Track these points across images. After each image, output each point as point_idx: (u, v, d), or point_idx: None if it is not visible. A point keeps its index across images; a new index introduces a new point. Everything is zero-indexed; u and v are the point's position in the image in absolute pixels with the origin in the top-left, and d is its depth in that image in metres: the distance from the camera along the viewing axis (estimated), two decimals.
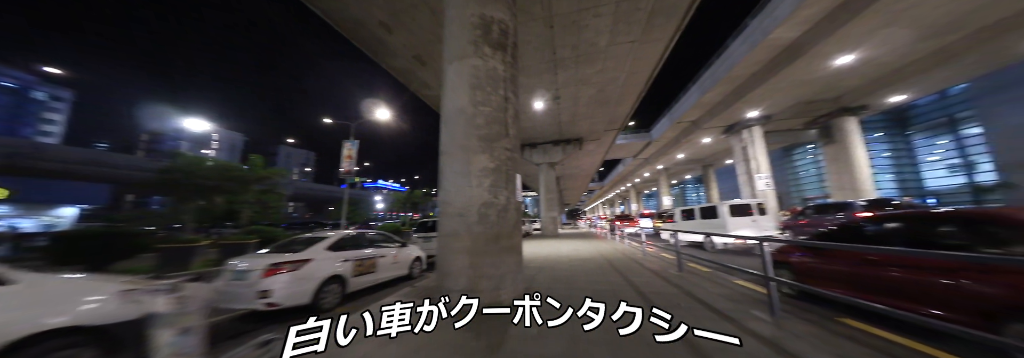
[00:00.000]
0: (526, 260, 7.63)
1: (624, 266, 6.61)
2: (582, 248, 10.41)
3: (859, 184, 18.18)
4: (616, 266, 6.66)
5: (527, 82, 11.43)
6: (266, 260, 4.09)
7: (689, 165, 37.77)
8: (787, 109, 18.25)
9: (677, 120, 20.79)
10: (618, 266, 6.65)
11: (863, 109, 18.40)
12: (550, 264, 6.97)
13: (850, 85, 16.42)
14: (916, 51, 12.56)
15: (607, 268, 6.42)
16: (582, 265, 6.73)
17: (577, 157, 27.21)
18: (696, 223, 10.65)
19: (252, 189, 15.01)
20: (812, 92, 16.42)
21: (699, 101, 17.32)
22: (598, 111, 15.42)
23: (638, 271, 5.96)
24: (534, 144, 20.80)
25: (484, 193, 3.81)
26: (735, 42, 13.29)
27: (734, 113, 18.00)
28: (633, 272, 5.83)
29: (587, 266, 6.60)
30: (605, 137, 21.34)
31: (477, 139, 3.89)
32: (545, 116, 15.55)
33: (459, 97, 4.01)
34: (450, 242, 3.75)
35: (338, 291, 4.55)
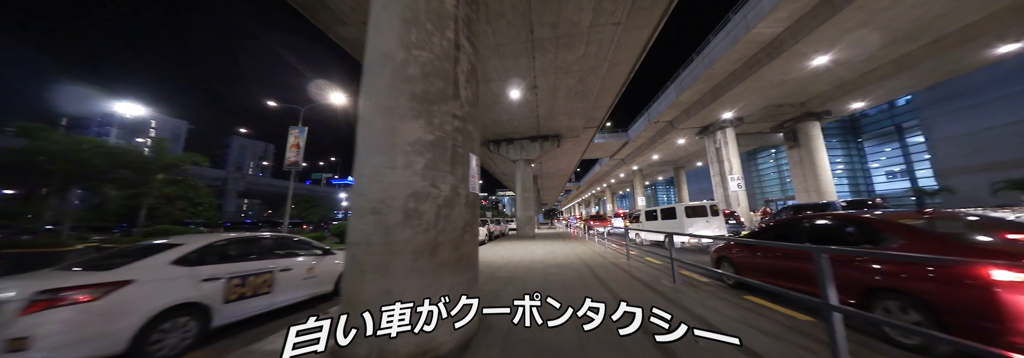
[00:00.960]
0: (495, 267, 6.66)
1: (608, 274, 5.77)
2: (559, 251, 9.57)
3: (822, 186, 18.87)
4: (598, 274, 5.80)
5: (502, 65, 10.45)
6: (41, 283, 2.43)
7: (662, 166, 38.56)
8: (758, 112, 18.60)
9: (654, 120, 20.68)
10: (600, 274, 5.80)
11: (827, 114, 19.13)
12: (521, 273, 6.00)
13: (817, 90, 16.93)
14: (882, 56, 12.95)
15: (589, 278, 5.55)
16: (559, 274, 5.83)
17: (555, 155, 26.64)
18: (658, 223, 11.24)
19: (156, 179, 12.69)
20: (782, 95, 16.74)
21: (677, 100, 17.17)
22: (577, 105, 14.73)
23: (625, 283, 5.11)
24: (511, 139, 19.87)
25: (414, 178, 2.56)
26: (717, 38, 13.08)
27: (710, 114, 18.05)
28: (621, 284, 4.97)
29: (565, 275, 5.71)
30: (584, 135, 20.82)
31: (408, 97, 2.65)
32: (522, 108, 14.64)
33: (385, 36, 2.78)
34: (359, 255, 2.44)
35: (192, 327, 3.01)
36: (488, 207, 67.93)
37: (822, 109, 18.94)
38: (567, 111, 15.54)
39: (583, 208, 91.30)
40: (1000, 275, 2.01)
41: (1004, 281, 2.00)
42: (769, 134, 21.86)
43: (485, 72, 10.81)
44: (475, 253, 3.08)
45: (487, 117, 15.88)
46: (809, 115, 19.20)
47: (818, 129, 19.59)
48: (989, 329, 2.01)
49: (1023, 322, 1.92)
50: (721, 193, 19.40)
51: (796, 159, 20.31)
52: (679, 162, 36.94)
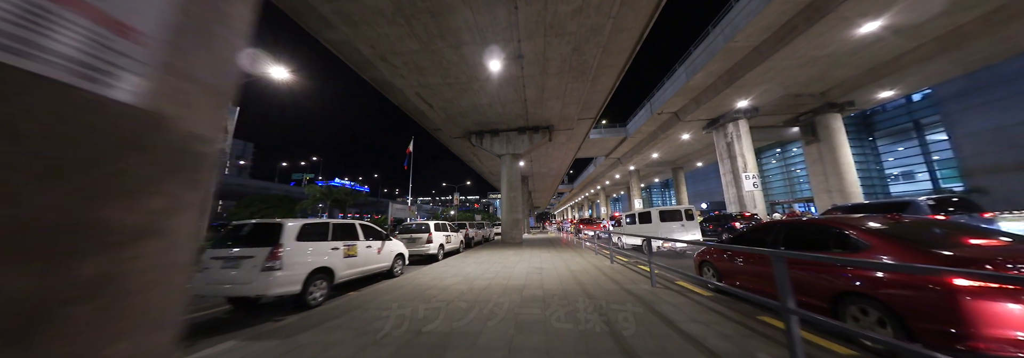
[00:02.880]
0: (441, 299, 3.95)
1: (633, 324, 3.23)
2: (548, 267, 7.00)
3: (846, 186, 16.73)
4: (605, 312, 3.26)
5: (474, 20, 7.94)
6: None
7: (660, 167, 36.41)
8: (774, 102, 16.45)
9: (658, 110, 18.39)
10: (609, 313, 3.26)
11: (849, 105, 17.09)
12: (477, 317, 3.49)
13: (843, 76, 14.87)
14: (932, 29, 10.87)
15: (594, 324, 3.00)
16: (535, 317, 3.36)
17: (547, 152, 24.17)
18: (636, 227, 11.29)
19: None
20: (806, 80, 14.61)
21: (686, 85, 14.88)
22: (572, 86, 12.30)
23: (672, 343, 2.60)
24: (496, 131, 17.33)
25: None
26: None
27: (722, 102, 15.82)
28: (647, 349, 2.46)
29: (550, 319, 3.22)
30: (578, 128, 18.42)
31: None
32: (506, 88, 12.14)
33: None
34: None
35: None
36: (478, 211, 65.14)
37: (845, 99, 16.89)
38: (560, 93, 13.11)
39: (576, 211, 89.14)
40: (961, 282, 2.03)
41: (965, 287, 2.02)
42: (782, 128, 19.74)
43: (451, 30, 8.29)
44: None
45: (464, 100, 13.35)
46: (830, 106, 17.13)
47: (840, 122, 17.54)
48: (951, 333, 2.03)
49: (982, 326, 1.95)
50: (733, 193, 17.10)
51: (814, 156, 18.19)
52: (677, 162, 34.85)
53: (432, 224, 9.87)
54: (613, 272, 5.98)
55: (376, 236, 5.94)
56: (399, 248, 6.68)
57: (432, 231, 9.61)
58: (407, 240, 9.40)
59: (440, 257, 9.77)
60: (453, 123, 16.54)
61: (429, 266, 7.63)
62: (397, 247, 6.59)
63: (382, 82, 12.05)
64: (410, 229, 9.78)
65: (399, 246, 6.69)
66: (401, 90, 12.31)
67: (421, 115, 16.41)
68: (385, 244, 6.10)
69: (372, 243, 5.71)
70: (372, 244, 5.70)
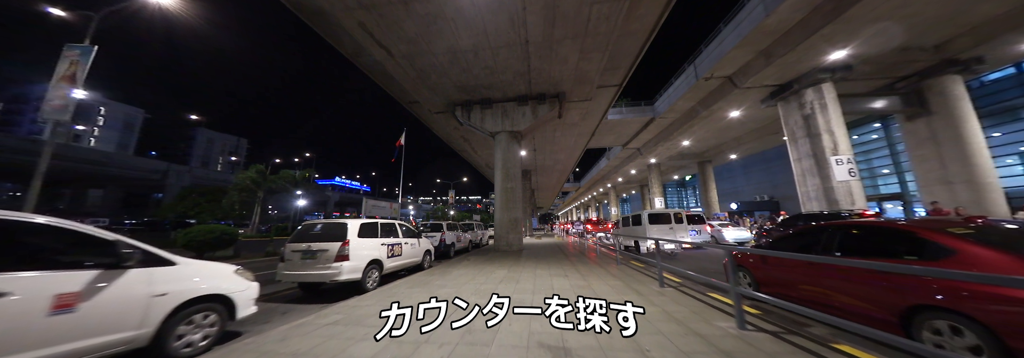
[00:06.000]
0: None
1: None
2: (569, 316, 2.46)
3: (978, 174, 11.93)
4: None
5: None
6: None
7: (683, 161, 31.49)
8: (878, 55, 11.73)
9: (706, 74, 13.77)
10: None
11: (977, 63, 12.30)
12: None
13: (986, 14, 10.17)
14: None
15: None
16: None
17: (554, 137, 19.62)
18: (627, 230, 11.71)
19: None
20: (934, 19, 9.95)
21: (762, 24, 10.27)
22: (595, 32, 7.85)
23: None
24: (488, 101, 12.88)
25: None
26: None
27: (805, 55, 11.19)
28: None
29: None
30: (598, 98, 13.89)
31: None
32: (499, 14, 7.67)
33: None
34: None
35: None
36: (479, 211, 60.56)
37: (972, 54, 12.12)
38: (575, 45, 8.70)
39: (581, 213, 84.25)
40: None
41: None
42: (866, 100, 14.85)
43: None
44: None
45: (438, 43, 8.92)
46: (949, 64, 12.39)
47: (962, 87, 12.81)
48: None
49: None
50: (816, 185, 12.39)
51: (923, 134, 13.43)
52: (707, 155, 29.93)
53: (355, 225, 5.43)
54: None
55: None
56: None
57: (351, 239, 5.16)
58: (300, 255, 5.07)
59: (369, 285, 5.42)
60: (430, 88, 12.09)
61: (278, 330, 3.20)
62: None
63: (309, 8, 7.73)
64: (306, 235, 5.30)
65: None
66: (334, 16, 7.90)
67: (386, 77, 11.97)
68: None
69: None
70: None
